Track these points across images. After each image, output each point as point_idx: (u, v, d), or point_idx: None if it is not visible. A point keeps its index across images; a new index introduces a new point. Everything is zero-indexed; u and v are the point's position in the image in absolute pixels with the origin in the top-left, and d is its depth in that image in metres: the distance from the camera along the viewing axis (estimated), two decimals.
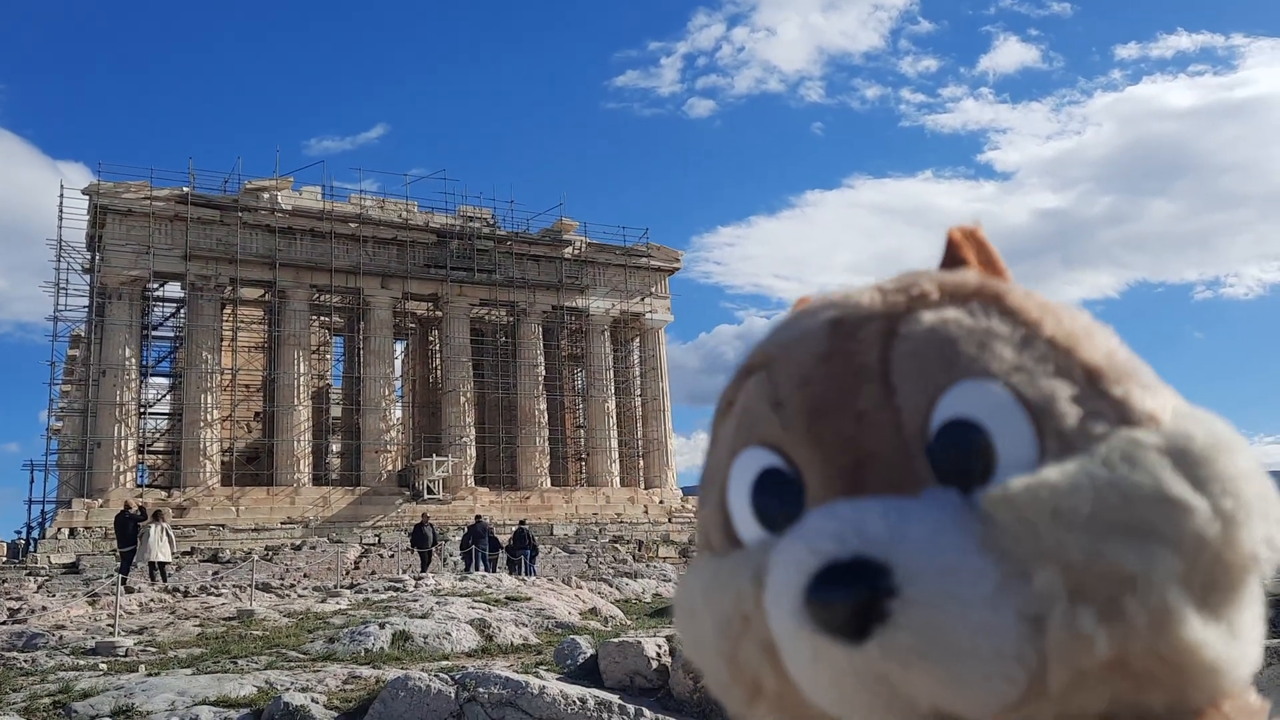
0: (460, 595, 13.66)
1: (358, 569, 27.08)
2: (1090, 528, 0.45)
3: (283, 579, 21.85)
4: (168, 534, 19.22)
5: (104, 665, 9.49)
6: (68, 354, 41.64)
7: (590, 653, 8.33)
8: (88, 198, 35.94)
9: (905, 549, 0.46)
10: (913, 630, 0.45)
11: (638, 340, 45.06)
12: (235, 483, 35.71)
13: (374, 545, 31.43)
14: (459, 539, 27.54)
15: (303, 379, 37.78)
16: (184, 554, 27.14)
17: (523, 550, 25.26)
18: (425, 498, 37.11)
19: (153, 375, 38.32)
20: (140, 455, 36.19)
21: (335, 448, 41.21)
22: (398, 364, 43.05)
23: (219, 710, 7.35)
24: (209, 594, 15.59)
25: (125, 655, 10.21)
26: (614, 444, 42.50)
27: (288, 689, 7.74)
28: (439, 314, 41.68)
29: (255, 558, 25.75)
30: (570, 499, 40.31)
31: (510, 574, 20.85)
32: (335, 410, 42.68)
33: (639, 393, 44.33)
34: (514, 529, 27.18)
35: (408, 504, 36.98)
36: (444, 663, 9.08)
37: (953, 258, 0.59)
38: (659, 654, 7.67)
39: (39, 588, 20.88)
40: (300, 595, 15.52)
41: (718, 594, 0.53)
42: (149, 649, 10.63)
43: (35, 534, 35.51)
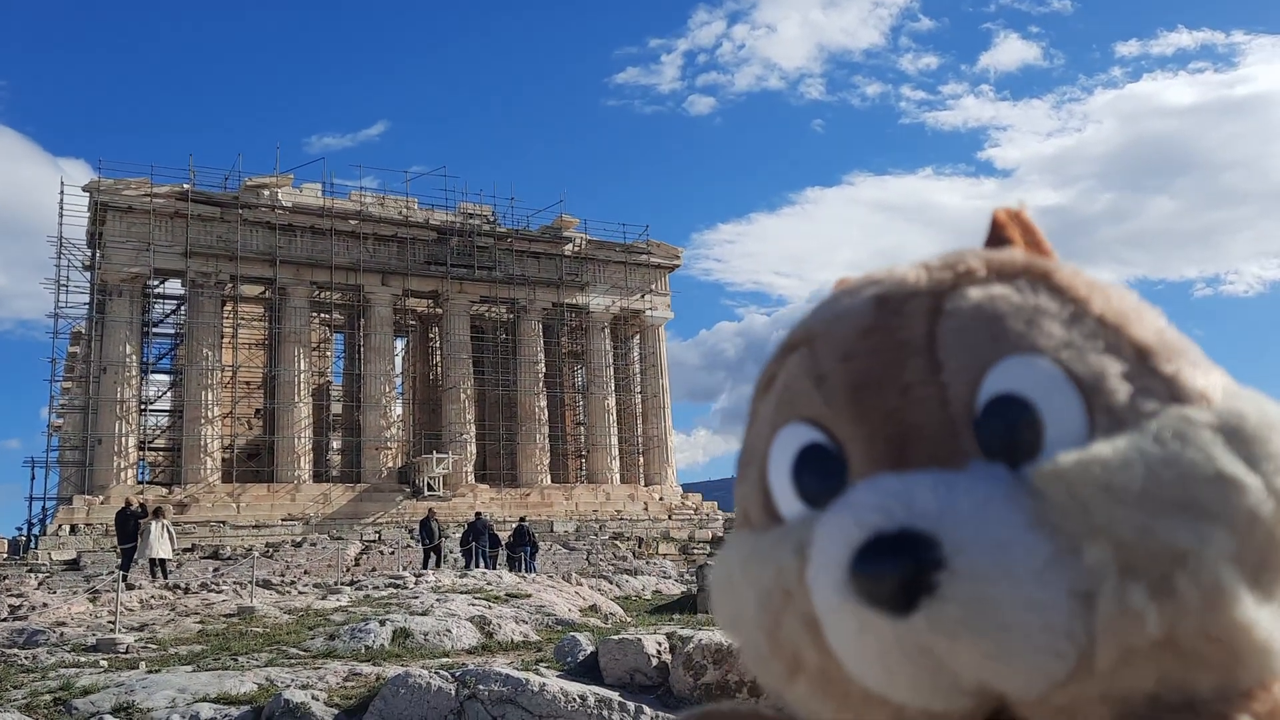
0: (460, 592, 13.67)
1: (358, 566, 27.10)
2: (1142, 504, 0.45)
3: (283, 576, 21.85)
4: (168, 531, 19.24)
5: (105, 662, 9.49)
6: (68, 351, 41.65)
7: (590, 650, 8.34)
8: (88, 194, 35.93)
9: (954, 522, 0.46)
10: (961, 603, 0.44)
11: (638, 337, 45.06)
12: (236, 479, 35.73)
13: (374, 542, 31.46)
14: (459, 536, 27.55)
15: (303, 376, 37.78)
16: (184, 551, 27.16)
17: (523, 547, 25.28)
18: (425, 494, 37.12)
19: (153, 372, 38.35)
20: (141, 452, 36.21)
21: (336, 444, 41.23)
22: (398, 361, 43.06)
23: (220, 707, 7.35)
24: (209, 591, 15.60)
25: (126, 652, 10.22)
26: (614, 441, 42.51)
27: (288, 686, 7.75)
28: (439, 311, 41.68)
29: (256, 554, 25.76)
30: (570, 496, 40.33)
31: (510, 571, 20.87)
32: (336, 407, 42.68)
33: (639, 390, 44.33)
34: (514, 526, 27.21)
35: (408, 501, 37.00)
36: (444, 660, 9.08)
37: (998, 238, 0.58)
38: (659, 651, 7.68)
39: (40, 584, 20.91)
40: (301, 592, 15.52)
41: (758, 568, 0.53)
42: (149, 646, 10.64)
43: (36, 530, 35.55)
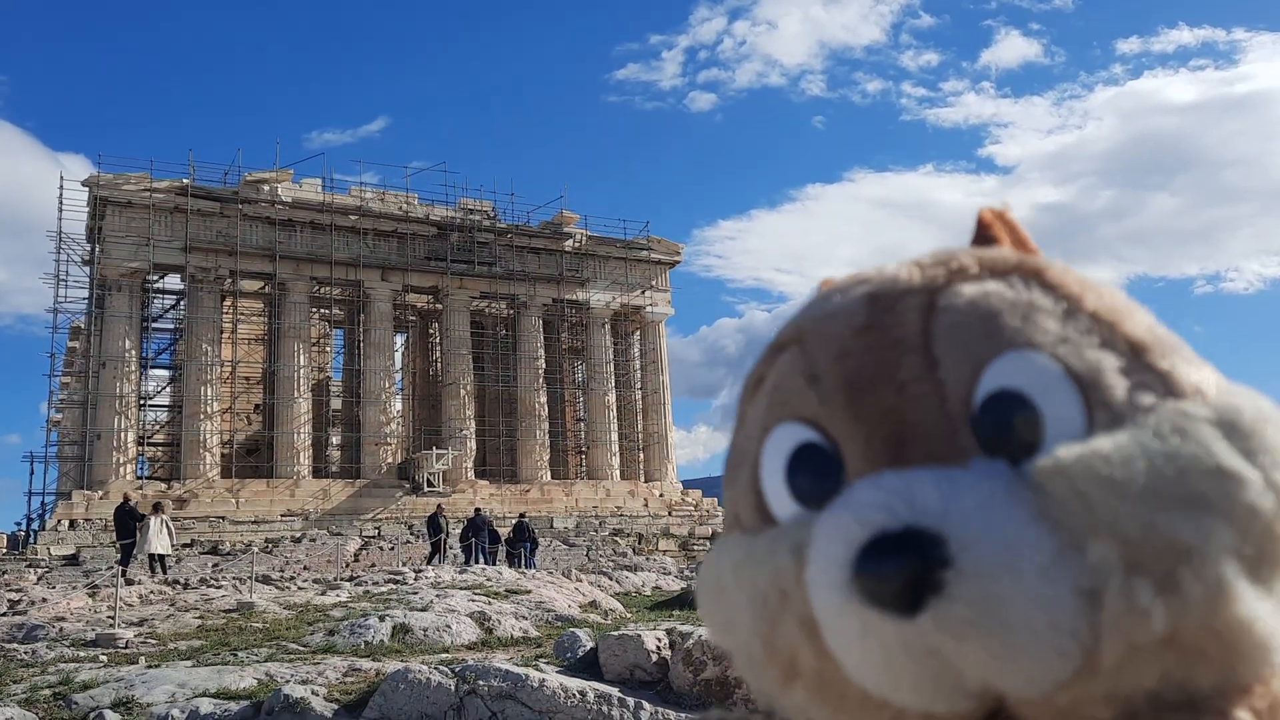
0: (460, 588, 13.66)
1: (357, 561, 27.09)
2: (1145, 499, 0.44)
3: (282, 571, 21.86)
4: (167, 526, 19.25)
5: (104, 657, 9.49)
6: (67, 346, 41.63)
7: (590, 646, 8.33)
8: (87, 189, 35.89)
9: (959, 519, 0.45)
10: (968, 602, 0.44)
11: (638, 333, 45.04)
12: (235, 475, 35.72)
13: (374, 538, 31.47)
14: (459, 532, 27.57)
15: (303, 371, 37.77)
16: (184, 546, 27.16)
17: (522, 543, 25.29)
18: (425, 490, 37.12)
19: (152, 367, 38.33)
20: (140, 447, 36.19)
21: (335, 440, 41.23)
22: (398, 356, 43.05)
23: (219, 702, 7.35)
24: (209, 586, 15.60)
25: (125, 647, 10.21)
26: (614, 437, 42.50)
27: (288, 681, 7.75)
28: (439, 307, 41.66)
29: (255, 550, 25.80)
30: (570, 492, 40.33)
31: (510, 567, 20.87)
32: (335, 403, 42.67)
33: (639, 386, 44.32)
34: (514, 522, 27.21)
35: (407, 497, 37.00)
36: (444, 655, 9.08)
37: (984, 238, 0.58)
38: (659, 647, 7.67)
39: (39, 579, 20.90)
40: (300, 588, 15.52)
41: (752, 571, 0.52)
42: (149, 641, 10.63)
43: (35, 526, 35.53)
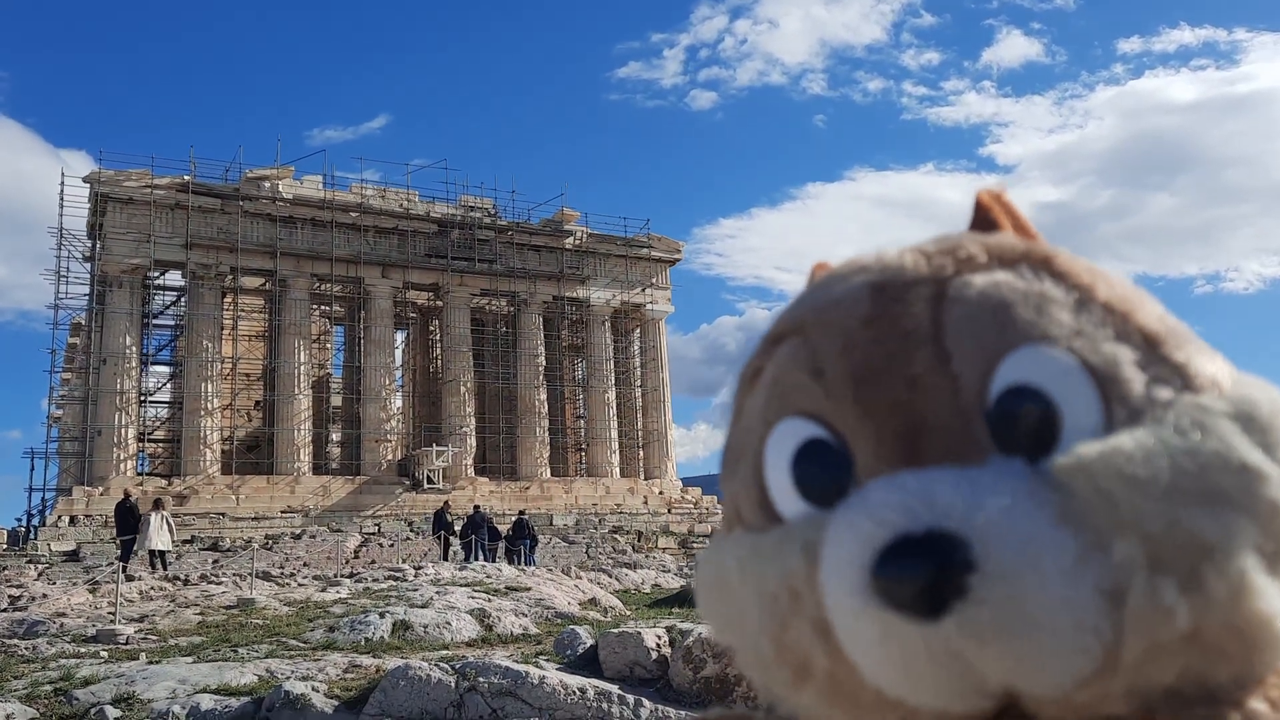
0: (460, 585, 13.68)
1: (357, 558, 27.10)
2: (1168, 497, 0.44)
3: (282, 568, 21.88)
4: (168, 522, 19.27)
5: (105, 653, 9.50)
6: (68, 342, 41.63)
7: (590, 643, 8.34)
8: (89, 186, 35.90)
9: (982, 521, 0.44)
10: (994, 605, 0.43)
11: (638, 331, 45.05)
12: (235, 471, 35.75)
13: (374, 535, 31.47)
14: (458, 529, 27.58)
15: (303, 368, 37.79)
16: (184, 542, 27.18)
17: (522, 540, 25.31)
18: (425, 487, 37.15)
19: (153, 364, 38.36)
20: (140, 443, 36.22)
21: (335, 437, 41.26)
22: (398, 353, 43.07)
23: (220, 698, 7.36)
24: (209, 582, 15.63)
25: (126, 643, 10.23)
26: (614, 435, 42.53)
27: (288, 678, 7.76)
28: (439, 304, 41.67)
29: (255, 546, 25.81)
30: (570, 489, 40.35)
31: (510, 564, 20.89)
32: (335, 399, 42.70)
33: (639, 384, 44.34)
34: (514, 519, 27.23)
35: (407, 493, 37.03)
36: (444, 652, 9.09)
37: (983, 221, 0.57)
38: (659, 645, 7.69)
39: (39, 575, 20.92)
40: (300, 584, 15.54)
41: (760, 569, 0.51)
42: (149, 637, 10.65)
43: (36, 521, 35.56)
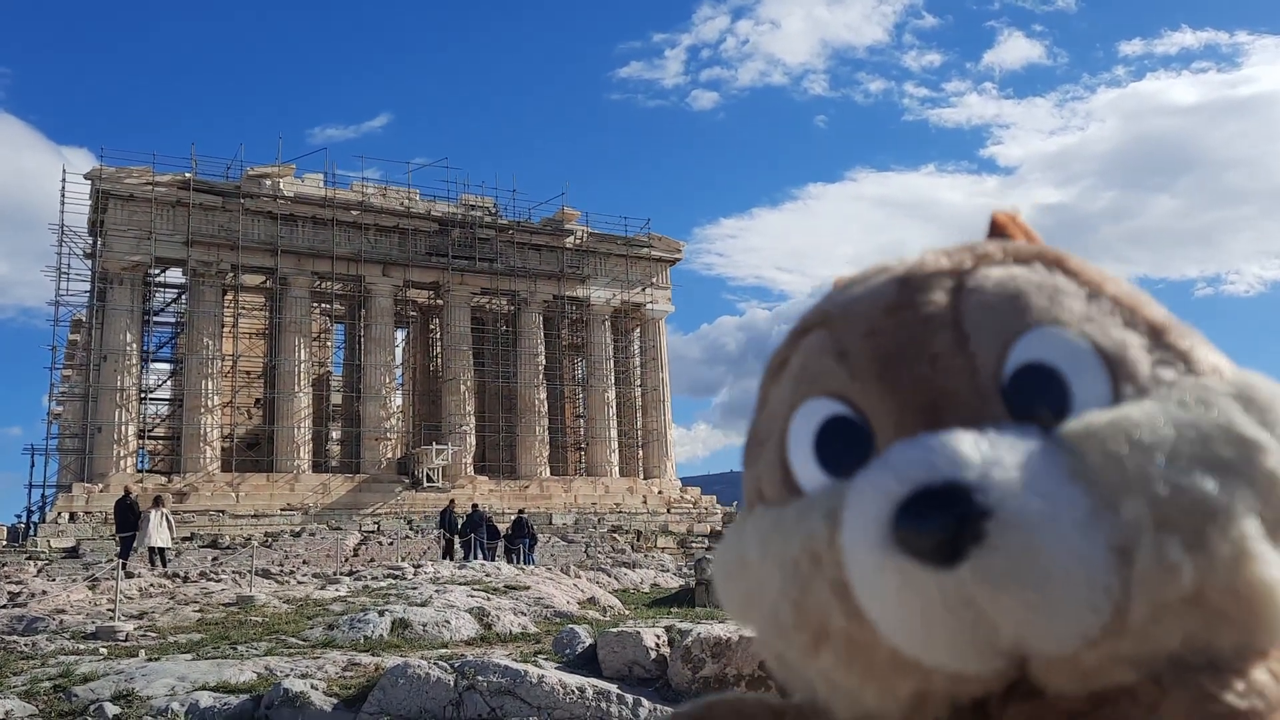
0: (459, 583, 13.68)
1: (357, 556, 27.12)
2: (1173, 461, 0.47)
3: (282, 565, 21.89)
4: (167, 519, 19.26)
5: (104, 650, 9.51)
6: (69, 339, 41.63)
7: (589, 642, 8.35)
8: (90, 183, 35.90)
9: (999, 472, 0.47)
10: (1008, 551, 0.45)
11: (638, 330, 45.06)
12: (235, 469, 35.75)
13: (373, 533, 31.48)
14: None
15: (303, 366, 37.79)
16: (184, 540, 27.18)
17: (521, 539, 25.32)
18: (425, 486, 37.16)
19: (154, 361, 38.37)
20: (141, 440, 36.23)
21: (335, 435, 41.27)
22: (398, 352, 43.08)
23: (219, 696, 7.36)
24: (208, 580, 15.63)
25: (125, 640, 10.24)
26: (613, 434, 42.53)
27: (287, 675, 7.76)
28: (440, 302, 41.67)
29: (255, 544, 25.82)
30: (569, 488, 40.36)
31: (509, 563, 20.90)
32: (335, 397, 42.72)
33: (639, 383, 44.35)
34: (513, 518, 27.23)
35: (407, 492, 37.04)
36: (443, 651, 9.10)
37: (998, 238, 0.61)
38: (658, 644, 7.69)
39: (39, 572, 20.92)
40: (300, 582, 15.55)
41: (782, 538, 0.54)
42: (149, 634, 10.66)
43: (35, 518, 35.58)
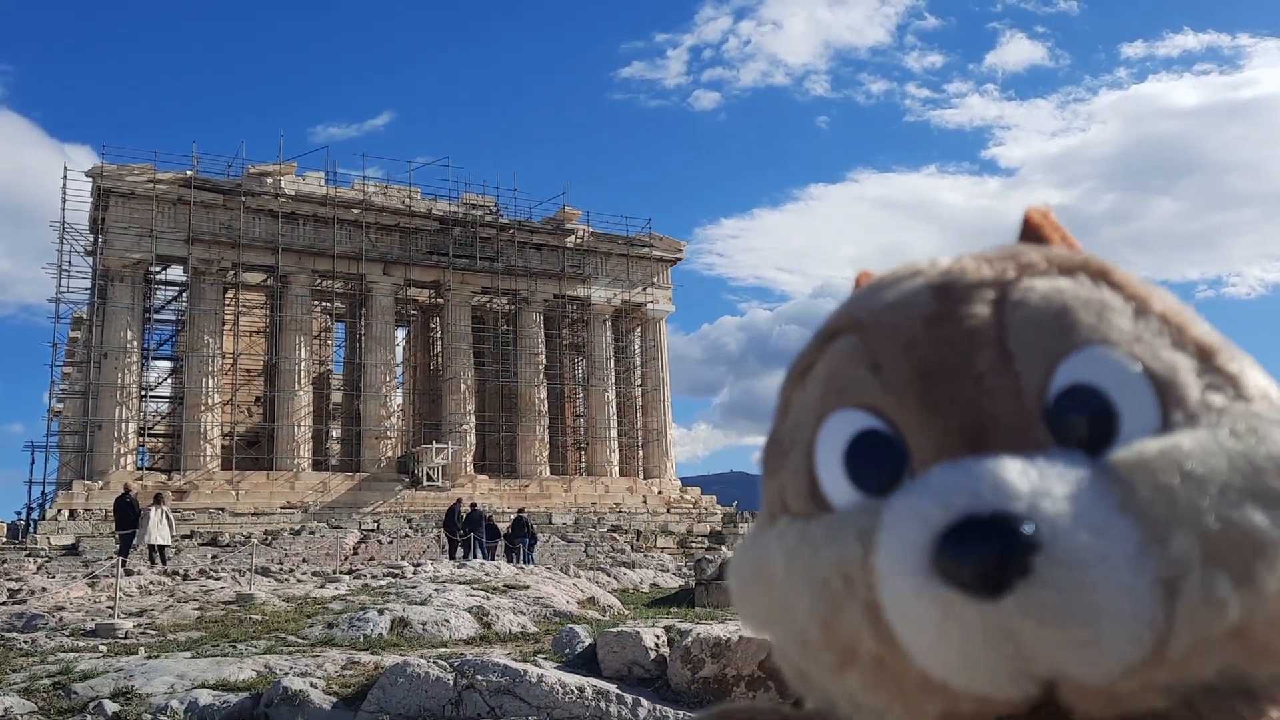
0: (459, 583, 13.68)
1: (356, 555, 27.12)
2: (1224, 495, 0.45)
3: (281, 564, 21.87)
4: (167, 517, 19.26)
5: (104, 647, 9.51)
6: (69, 336, 41.64)
7: (588, 642, 8.34)
8: (91, 180, 35.91)
9: (1049, 504, 0.45)
10: (1057, 587, 0.44)
11: (639, 330, 45.07)
12: (235, 467, 35.76)
13: (373, 531, 31.48)
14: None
15: (304, 364, 37.80)
16: (183, 537, 27.20)
17: (521, 538, 25.32)
18: (425, 485, 37.17)
19: (154, 358, 38.37)
20: (141, 438, 36.25)
21: (335, 433, 41.27)
22: (399, 350, 43.09)
23: (218, 693, 7.36)
24: (208, 578, 15.63)
25: (125, 637, 10.24)
26: (613, 434, 42.55)
27: (287, 673, 7.77)
28: (440, 301, 41.68)
29: (254, 542, 25.81)
30: (569, 488, 40.37)
31: (509, 562, 20.90)
32: (336, 396, 42.73)
33: (639, 383, 44.36)
34: (513, 517, 27.24)
35: (407, 491, 37.04)
36: (442, 650, 9.09)
37: (1033, 238, 0.59)
38: (657, 644, 7.69)
39: (39, 569, 20.93)
40: (299, 580, 15.56)
41: (811, 555, 0.52)
42: (148, 631, 10.66)
43: (35, 515, 35.59)
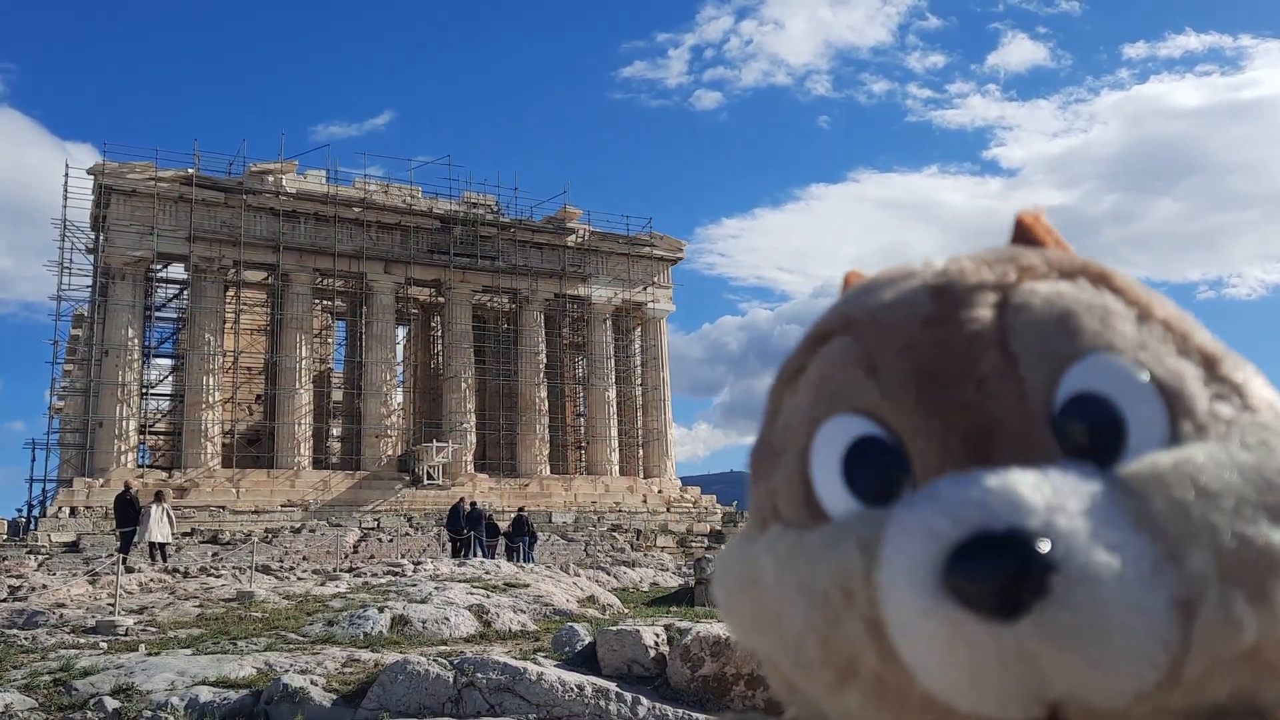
0: (459, 581, 13.70)
1: (356, 553, 27.14)
2: (1240, 510, 0.44)
3: (282, 562, 21.88)
4: (168, 515, 19.29)
5: (104, 644, 9.52)
6: (71, 334, 41.67)
7: (588, 640, 8.36)
8: (93, 178, 35.92)
9: (1064, 520, 0.43)
10: (1075, 608, 0.42)
11: (639, 329, 45.08)
12: (236, 465, 35.78)
13: (373, 530, 31.50)
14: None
15: (304, 363, 37.81)
16: (184, 535, 27.22)
17: (521, 537, 25.34)
18: (425, 483, 37.18)
19: (155, 356, 38.39)
20: (142, 436, 36.27)
21: (336, 432, 41.29)
22: (399, 349, 43.09)
23: (218, 690, 7.38)
24: (208, 575, 15.65)
25: (125, 634, 10.25)
26: (614, 433, 42.56)
27: (287, 671, 7.78)
28: (441, 300, 41.70)
29: (255, 540, 25.82)
30: (569, 487, 40.38)
31: (509, 560, 20.92)
32: (336, 394, 42.73)
33: (639, 382, 44.37)
34: (513, 516, 27.26)
35: (407, 489, 37.06)
36: (442, 648, 9.11)
37: (1025, 240, 0.57)
38: (657, 643, 7.71)
39: (39, 566, 20.96)
40: (299, 578, 15.57)
41: (806, 567, 0.50)
42: (149, 629, 10.67)
43: (36, 512, 35.62)
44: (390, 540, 29.16)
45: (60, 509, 31.31)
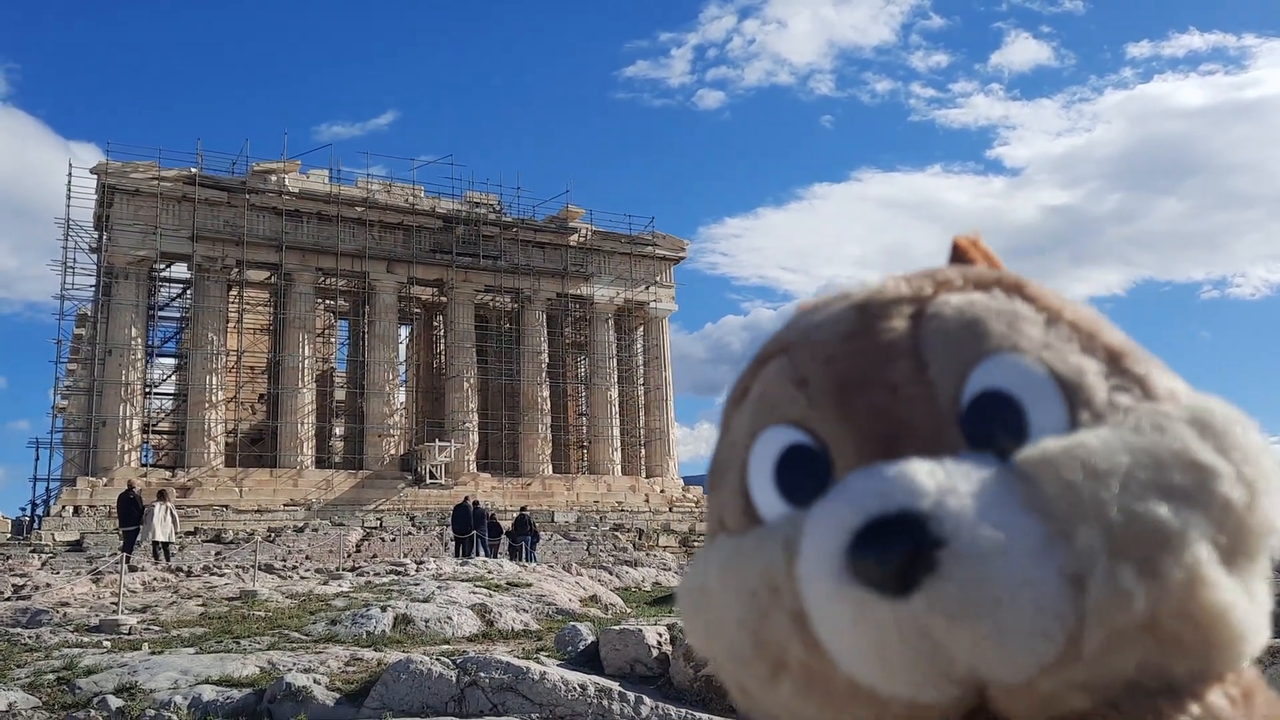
0: (461, 580, 13.71)
1: (359, 552, 27.17)
2: (1128, 488, 0.47)
3: (285, 560, 21.91)
4: (171, 514, 19.32)
5: (108, 643, 9.54)
6: (74, 333, 41.74)
7: (591, 640, 8.37)
8: (96, 177, 35.94)
9: (953, 502, 0.47)
10: (961, 581, 0.45)
11: (642, 329, 45.07)
12: (239, 464, 35.81)
13: (376, 529, 31.54)
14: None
15: (307, 362, 37.84)
16: (187, 534, 27.25)
17: (524, 536, 25.35)
18: (428, 483, 37.20)
19: (158, 356, 38.41)
20: (145, 435, 36.29)
21: (339, 431, 41.32)
22: (402, 349, 43.12)
23: (222, 689, 7.39)
24: (212, 574, 15.68)
25: (129, 633, 10.27)
26: (616, 432, 42.55)
27: (290, 670, 7.80)
28: (444, 299, 41.71)
29: (258, 539, 25.89)
30: (572, 486, 40.39)
31: (511, 560, 20.93)
32: (339, 394, 42.76)
33: (642, 382, 44.36)
34: (515, 515, 27.27)
35: (410, 488, 37.08)
36: (445, 647, 9.12)
37: (960, 261, 0.61)
38: (660, 642, 7.71)
39: (43, 565, 21.01)
40: (302, 577, 15.59)
41: (741, 568, 0.53)
42: (152, 628, 10.69)
43: (40, 511, 35.69)
44: (393, 539, 29.20)
45: (64, 508, 31.36)
